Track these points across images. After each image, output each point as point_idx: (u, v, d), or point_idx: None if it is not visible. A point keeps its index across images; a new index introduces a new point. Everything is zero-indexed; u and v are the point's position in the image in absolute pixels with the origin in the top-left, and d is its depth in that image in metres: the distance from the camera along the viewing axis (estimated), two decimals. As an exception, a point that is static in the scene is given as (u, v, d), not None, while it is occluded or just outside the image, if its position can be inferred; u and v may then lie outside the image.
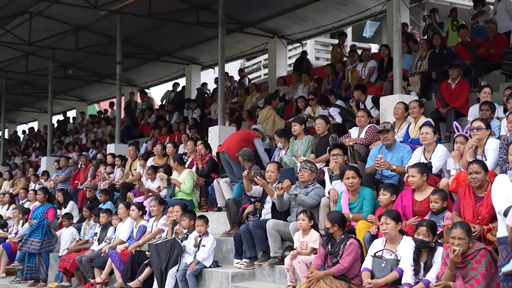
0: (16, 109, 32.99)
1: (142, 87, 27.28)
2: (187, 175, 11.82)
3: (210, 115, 18.88)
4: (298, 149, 10.75)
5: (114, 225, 11.66)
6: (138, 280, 9.90)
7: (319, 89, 15.70)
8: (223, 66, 15.22)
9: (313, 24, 19.52)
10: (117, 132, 17.79)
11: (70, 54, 22.00)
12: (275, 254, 8.77)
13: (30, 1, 17.83)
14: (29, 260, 12.50)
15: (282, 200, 8.90)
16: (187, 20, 18.36)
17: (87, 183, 15.61)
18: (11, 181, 20.63)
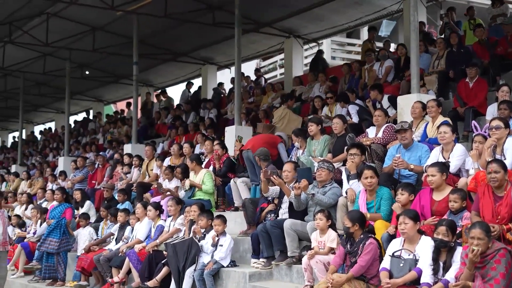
0: (34, 110, 33.24)
1: (158, 87, 27.38)
2: (206, 175, 11.81)
3: (226, 115, 18.91)
4: (315, 149, 10.73)
5: (132, 224, 11.70)
6: (156, 280, 9.91)
7: (335, 89, 15.66)
8: (239, 66, 15.24)
9: (329, 23, 19.47)
10: (134, 132, 17.85)
11: (86, 54, 22.12)
12: (292, 253, 8.76)
13: (47, 2, 17.94)
14: (47, 259, 12.57)
15: (300, 200, 8.89)
16: (203, 21, 18.40)
17: (104, 183, 15.69)
18: (29, 181, 20.76)
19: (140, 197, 13.32)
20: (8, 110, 32.70)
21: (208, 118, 18.60)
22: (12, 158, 28.69)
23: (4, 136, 40.17)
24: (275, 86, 18.30)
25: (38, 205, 15.90)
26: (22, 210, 16.98)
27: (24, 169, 22.94)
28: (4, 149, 34.41)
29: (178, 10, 17.30)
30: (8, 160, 29.31)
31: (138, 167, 15.10)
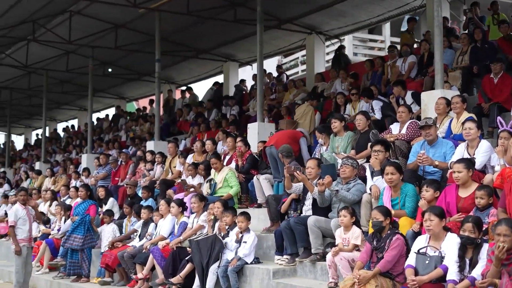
0: (57, 107, 33.46)
1: (180, 84, 27.48)
2: (229, 173, 11.80)
3: (248, 111, 18.90)
4: (338, 145, 10.70)
5: (155, 221, 11.76)
6: (180, 276, 9.95)
7: (356, 85, 15.60)
8: (261, 63, 15.19)
9: (351, 19, 19.40)
10: (157, 129, 17.90)
11: (109, 52, 22.23)
12: (316, 250, 8.76)
13: (70, 0, 18.05)
14: (71, 256, 12.67)
15: (324, 196, 8.88)
16: (225, 17, 18.41)
17: (127, 180, 15.76)
18: (53, 178, 20.93)
19: (163, 194, 13.36)
20: (32, 108, 33.02)
21: (231, 115, 18.61)
22: (36, 156, 28.93)
23: (27, 134, 40.51)
24: (296, 83, 18.26)
25: (62, 202, 16.04)
26: (46, 207, 17.14)
27: (48, 166, 23.12)
28: (28, 146, 34.73)
29: (200, 7, 17.33)
30: (32, 158, 29.58)
31: (161, 164, 15.15)
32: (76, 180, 18.60)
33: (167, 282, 10.16)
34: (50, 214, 16.32)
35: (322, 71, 19.60)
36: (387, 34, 30.25)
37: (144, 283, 10.84)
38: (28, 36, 20.58)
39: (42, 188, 20.24)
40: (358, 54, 29.11)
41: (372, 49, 30.54)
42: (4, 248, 17.97)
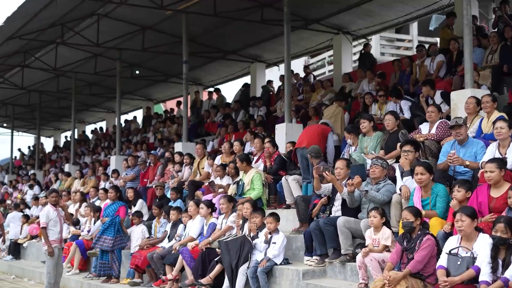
0: (85, 110, 33.77)
1: (207, 85, 27.56)
2: (254, 176, 11.79)
3: (275, 112, 18.88)
4: (367, 146, 10.65)
5: (184, 222, 11.81)
6: (209, 277, 9.98)
7: (384, 85, 15.51)
8: (289, 64, 15.17)
9: (378, 19, 19.30)
10: (185, 130, 17.95)
11: (136, 54, 22.36)
12: (346, 251, 8.73)
13: (98, 3, 18.19)
14: (102, 257, 12.78)
15: (353, 197, 8.85)
16: (251, 18, 18.42)
17: (156, 181, 15.84)
18: (82, 179, 21.11)
19: (191, 195, 13.42)
20: (61, 110, 33.36)
21: (258, 115, 18.61)
22: (65, 158, 29.21)
23: (56, 136, 40.92)
24: (324, 83, 18.21)
25: (92, 203, 16.18)
26: (76, 208, 17.29)
27: (77, 168, 23.32)
28: (57, 148, 35.09)
29: (227, 8, 17.34)
30: (61, 159, 29.86)
31: (189, 166, 15.21)
32: (105, 181, 18.75)
33: (196, 283, 10.19)
34: (79, 216, 16.46)
35: (350, 71, 19.52)
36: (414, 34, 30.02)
37: (174, 283, 10.90)
38: (57, 39, 20.76)
39: (72, 189, 20.43)
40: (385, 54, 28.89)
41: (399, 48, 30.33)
42: (35, 249, 18.19)
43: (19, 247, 19.28)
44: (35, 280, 15.54)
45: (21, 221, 19.83)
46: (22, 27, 18.28)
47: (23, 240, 19.17)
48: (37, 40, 20.51)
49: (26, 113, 34.74)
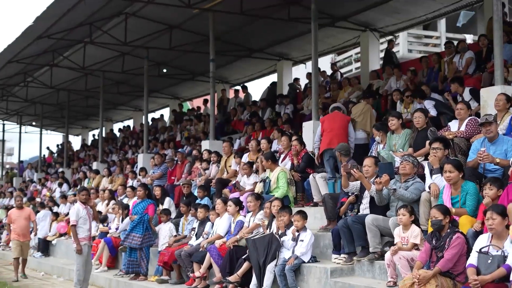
0: (113, 108, 34.01)
1: (234, 83, 27.58)
2: (280, 174, 11.77)
3: (302, 110, 18.84)
4: (395, 143, 10.59)
5: (212, 220, 11.84)
6: (237, 275, 9.99)
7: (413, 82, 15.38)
8: (316, 61, 15.10)
9: (406, 16, 19.14)
10: (212, 128, 17.98)
11: (164, 53, 22.44)
12: (374, 249, 8.69)
13: (126, 2, 18.30)
14: (130, 254, 12.85)
15: (381, 195, 8.80)
16: (278, 16, 18.38)
17: (183, 179, 15.90)
18: (110, 177, 21.26)
19: (219, 193, 13.46)
20: (88, 109, 33.67)
21: (285, 113, 18.56)
22: (93, 156, 29.44)
23: (84, 134, 41.29)
24: (351, 81, 18.12)
25: (120, 201, 16.28)
26: (104, 206, 17.42)
27: (105, 166, 23.48)
28: (85, 146, 35.39)
29: (253, 6, 17.34)
30: (89, 158, 30.11)
31: (216, 163, 15.24)
32: (132, 179, 18.85)
33: (224, 280, 10.23)
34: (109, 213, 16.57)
35: (377, 68, 19.40)
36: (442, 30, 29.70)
37: (202, 281, 10.93)
38: (85, 39, 20.91)
39: (100, 187, 20.58)
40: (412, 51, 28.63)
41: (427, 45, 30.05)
42: (64, 247, 18.37)
43: (48, 245, 19.49)
44: (64, 277, 15.69)
45: (50, 218, 20.03)
46: (51, 26, 18.42)
47: (52, 237, 19.37)
48: (65, 39, 20.65)
49: (54, 112, 35.10)
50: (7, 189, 32.95)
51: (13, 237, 15.70)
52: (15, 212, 16.05)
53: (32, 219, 16.39)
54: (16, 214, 15.92)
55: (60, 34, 19.74)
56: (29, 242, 16.47)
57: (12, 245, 15.99)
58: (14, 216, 15.87)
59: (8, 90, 29.97)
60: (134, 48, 22.19)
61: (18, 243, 15.55)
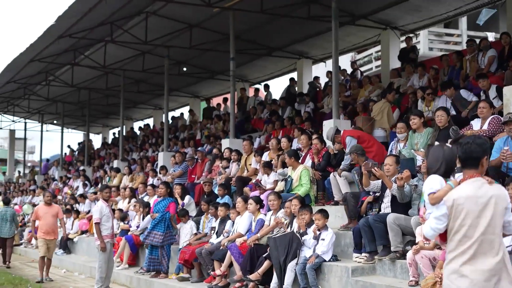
0: (133, 107, 34.19)
1: (253, 82, 27.59)
2: (303, 171, 11.77)
3: (322, 108, 18.80)
4: (417, 142, 10.54)
5: (232, 218, 11.87)
6: (258, 273, 10.00)
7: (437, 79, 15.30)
8: (337, 60, 15.05)
9: (427, 14, 19.01)
10: (232, 127, 18.00)
11: (184, 51, 22.49)
12: (396, 248, 8.66)
13: (146, 1, 18.38)
14: (151, 252, 12.91)
15: (403, 191, 8.76)
16: (298, 14, 18.38)
17: (204, 177, 15.94)
18: (130, 176, 21.36)
19: (239, 192, 13.48)
20: (109, 107, 33.86)
21: (305, 112, 18.54)
22: (113, 154, 29.61)
23: (105, 133, 41.54)
24: (372, 79, 18.06)
25: (141, 199, 16.36)
26: (125, 204, 17.52)
27: (126, 164, 23.60)
28: (106, 145, 35.59)
29: (273, 4, 17.34)
30: (110, 156, 30.28)
31: (237, 162, 15.27)
32: (153, 178, 18.92)
33: (245, 278, 10.23)
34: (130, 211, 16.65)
35: (398, 66, 19.32)
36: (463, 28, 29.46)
37: (222, 279, 10.96)
38: (105, 38, 21.05)
39: (120, 185, 20.70)
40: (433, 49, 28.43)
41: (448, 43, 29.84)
42: (85, 244, 18.51)
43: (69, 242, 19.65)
44: (85, 274, 15.81)
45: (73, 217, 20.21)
46: (72, 26, 18.55)
47: (73, 235, 19.52)
48: (86, 38, 20.78)
49: (75, 111, 35.40)
50: (29, 187, 33.26)
51: (40, 235, 15.03)
52: (43, 209, 15.34)
53: (60, 216, 15.76)
54: (44, 211, 15.23)
55: (81, 33, 19.87)
56: (55, 241, 15.87)
57: (38, 243, 15.34)
58: (42, 213, 15.18)
59: (30, 89, 30.24)
60: (155, 47, 22.29)
61: (45, 241, 14.92)
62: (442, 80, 14.99)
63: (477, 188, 4.79)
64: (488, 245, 4.69)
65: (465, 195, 4.76)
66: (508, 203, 4.83)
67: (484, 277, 4.63)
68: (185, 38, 20.87)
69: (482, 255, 4.67)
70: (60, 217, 15.75)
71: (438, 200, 4.85)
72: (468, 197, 4.75)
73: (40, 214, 15.17)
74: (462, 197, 4.76)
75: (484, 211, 4.72)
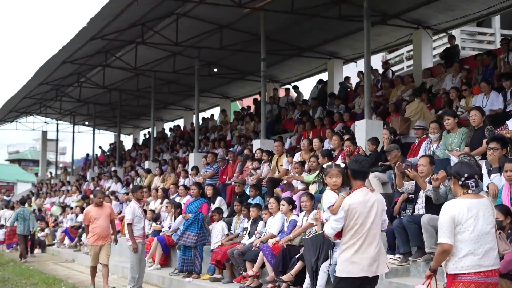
0: (163, 108, 34.35)
1: (283, 82, 27.53)
2: None
3: (354, 109, 18.70)
4: (451, 142, 10.42)
5: (264, 219, 11.84)
6: (290, 274, 9.97)
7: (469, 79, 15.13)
8: (368, 60, 14.92)
9: (460, 13, 18.78)
10: (263, 127, 17.98)
11: (214, 52, 22.52)
12: (430, 249, 8.56)
13: (177, 3, 18.45)
14: (184, 253, 12.92)
15: (438, 192, 8.66)
16: (329, 14, 18.29)
17: (235, 178, 15.94)
18: (162, 176, 21.45)
19: (270, 192, 13.45)
20: (140, 109, 34.07)
21: (337, 112, 18.43)
22: (144, 155, 29.78)
23: (135, 134, 41.81)
24: (404, 79, 17.91)
25: (172, 199, 16.41)
26: (157, 205, 17.59)
27: (157, 165, 23.72)
28: (136, 146, 35.82)
29: (304, 5, 17.28)
30: (140, 157, 30.46)
31: (268, 163, 15.24)
32: (184, 178, 18.97)
33: (277, 279, 10.21)
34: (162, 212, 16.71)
35: (430, 66, 19.13)
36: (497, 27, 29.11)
37: (254, 280, 10.94)
38: (136, 39, 21.18)
39: (152, 186, 20.79)
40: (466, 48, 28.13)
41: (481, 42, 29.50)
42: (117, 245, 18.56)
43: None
44: (117, 274, 15.89)
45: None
46: (104, 27, 18.71)
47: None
48: (118, 40, 20.97)
49: (106, 112, 35.64)
50: (61, 187, 33.62)
51: (91, 241, 12.97)
52: (95, 211, 13.07)
53: (113, 217, 13.60)
54: (97, 213, 13.02)
55: (113, 35, 20.03)
56: (110, 244, 13.18)
57: (90, 251, 13.47)
58: (95, 215, 12.98)
59: (62, 91, 30.55)
60: (185, 48, 22.36)
61: (97, 248, 12.90)
62: (475, 80, 14.82)
63: (364, 195, 6.41)
64: (372, 238, 6.34)
65: (358, 201, 6.34)
66: (384, 205, 6.63)
67: (368, 262, 6.28)
68: (216, 39, 20.91)
69: (368, 245, 6.31)
70: (112, 218, 13.59)
71: (336, 210, 6.48)
72: (360, 202, 6.34)
73: (93, 217, 12.98)
74: (355, 202, 6.33)
75: (370, 212, 6.36)
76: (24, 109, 35.44)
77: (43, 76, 25.07)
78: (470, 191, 5.81)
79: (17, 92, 28.55)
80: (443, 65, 17.20)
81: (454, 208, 5.76)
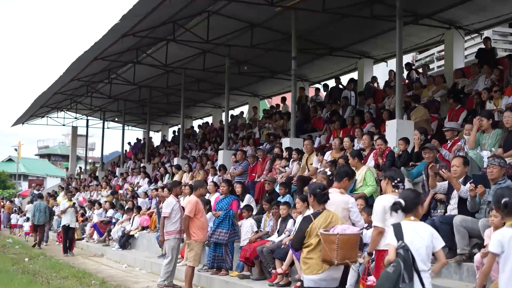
0: (193, 105, 34.52)
1: (313, 82, 27.52)
2: (367, 172, 11.67)
3: (384, 109, 18.61)
4: (485, 143, 10.35)
5: (294, 217, 11.85)
6: (319, 272, 9.95)
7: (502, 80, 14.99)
8: (400, 60, 14.87)
9: (492, 13, 18.65)
10: (292, 126, 18.00)
11: (245, 51, 22.56)
12: (462, 251, 8.53)
13: (209, 1, 18.54)
14: (215, 250, 12.96)
15: (475, 201, 8.59)
16: (361, 14, 18.25)
17: (265, 176, 15.97)
18: (191, 173, 21.56)
19: (300, 191, 13.45)
20: (169, 106, 34.28)
21: (368, 112, 18.37)
22: (173, 152, 29.94)
23: (164, 131, 42.04)
24: (436, 79, 17.79)
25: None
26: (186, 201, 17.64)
27: (185, 162, 23.84)
28: (165, 142, 36.02)
29: (335, 4, 17.25)
30: (169, 153, 30.63)
31: (297, 161, 15.25)
32: (213, 175, 19.05)
33: (306, 277, 10.19)
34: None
35: (461, 67, 19.00)
36: (529, 27, 28.88)
37: (283, 278, 10.96)
38: (168, 37, 21.32)
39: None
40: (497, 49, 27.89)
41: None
42: (146, 240, 18.77)
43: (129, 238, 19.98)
44: (146, 270, 16.01)
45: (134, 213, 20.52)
46: (136, 25, 18.83)
47: (134, 231, 19.81)
48: (149, 37, 21.12)
49: (136, 108, 35.89)
50: (90, 182, 33.93)
51: (201, 236, 11.94)
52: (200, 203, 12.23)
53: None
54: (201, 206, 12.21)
55: (144, 32, 20.19)
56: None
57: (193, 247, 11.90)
58: (201, 208, 12.16)
59: (93, 87, 30.85)
60: (216, 46, 22.46)
61: (200, 246, 12.07)
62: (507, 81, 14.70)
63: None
64: None
65: None
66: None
67: None
68: (246, 37, 20.97)
69: None
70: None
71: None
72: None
73: (201, 210, 12.07)
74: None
75: None
76: (55, 105, 35.86)
77: (74, 72, 25.32)
78: (397, 190, 7.36)
79: (48, 88, 28.85)
80: (478, 65, 17.05)
81: (385, 201, 7.16)
